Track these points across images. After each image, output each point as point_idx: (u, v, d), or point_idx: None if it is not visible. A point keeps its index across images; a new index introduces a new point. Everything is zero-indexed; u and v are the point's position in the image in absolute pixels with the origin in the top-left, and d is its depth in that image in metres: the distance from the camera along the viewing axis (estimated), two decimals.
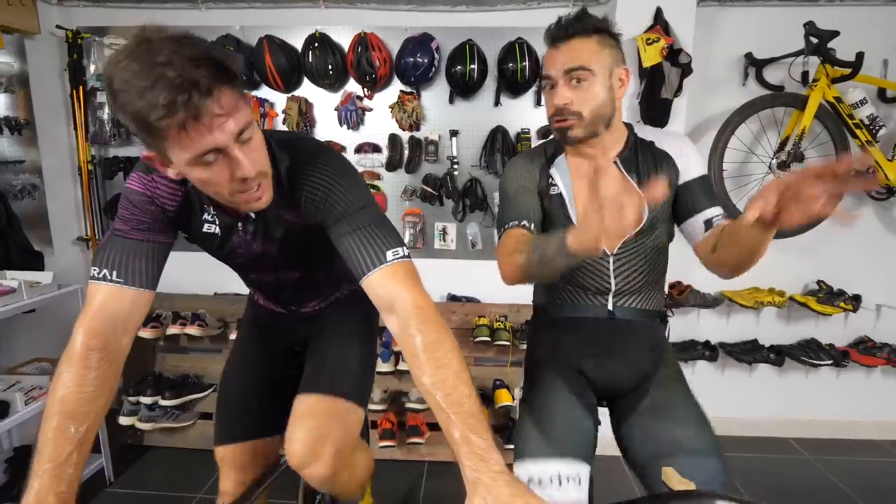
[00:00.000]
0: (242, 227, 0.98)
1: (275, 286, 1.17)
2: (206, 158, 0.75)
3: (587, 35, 1.07)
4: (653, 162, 1.15)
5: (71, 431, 0.77)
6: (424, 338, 0.77)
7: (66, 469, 0.75)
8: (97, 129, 2.35)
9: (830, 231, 2.30)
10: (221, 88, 0.72)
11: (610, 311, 1.17)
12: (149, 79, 0.67)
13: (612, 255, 1.15)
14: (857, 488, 2.15)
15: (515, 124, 2.34)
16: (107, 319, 0.85)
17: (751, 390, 2.56)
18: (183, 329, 2.27)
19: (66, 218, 2.49)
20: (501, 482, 0.64)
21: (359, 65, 2.20)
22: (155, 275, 0.91)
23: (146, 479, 2.18)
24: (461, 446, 0.68)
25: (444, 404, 0.71)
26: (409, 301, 0.81)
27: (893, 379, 2.52)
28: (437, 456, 2.26)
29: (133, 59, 0.68)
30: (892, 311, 2.46)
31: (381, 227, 0.88)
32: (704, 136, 2.33)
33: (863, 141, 2.15)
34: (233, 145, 0.76)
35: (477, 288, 2.45)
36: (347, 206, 0.88)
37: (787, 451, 2.47)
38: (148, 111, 0.68)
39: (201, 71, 0.69)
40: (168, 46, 0.69)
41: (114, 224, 0.91)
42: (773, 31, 2.24)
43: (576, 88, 1.07)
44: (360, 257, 0.85)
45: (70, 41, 2.28)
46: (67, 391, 0.80)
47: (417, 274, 0.86)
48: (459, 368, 0.75)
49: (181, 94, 0.67)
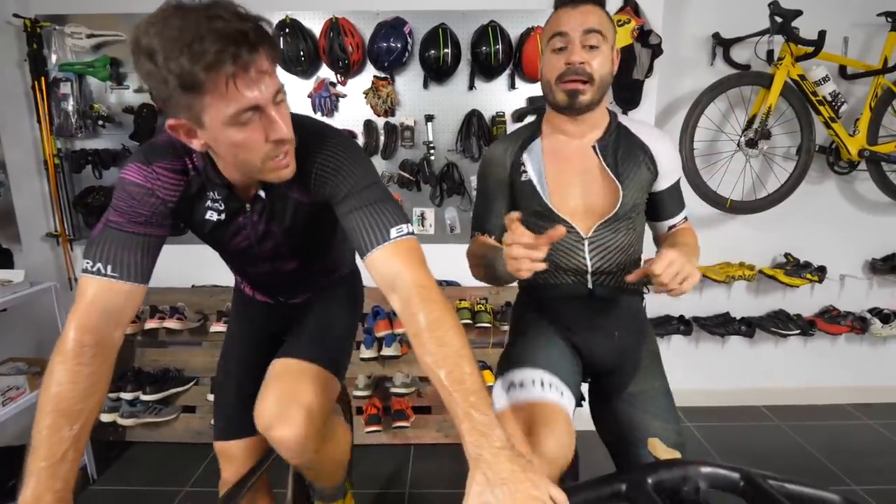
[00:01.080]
0: (251, 207, 0.97)
1: (269, 276, 1.16)
2: (244, 117, 0.75)
3: (601, 8, 1.09)
4: (631, 153, 1.14)
5: (65, 430, 0.76)
6: (426, 316, 0.78)
7: (62, 467, 0.75)
8: (62, 121, 2.27)
9: (796, 205, 2.39)
10: (265, 46, 0.73)
11: (590, 289, 1.19)
12: (197, 31, 0.67)
13: (586, 237, 1.15)
14: (824, 450, 2.27)
15: (490, 108, 2.35)
16: (100, 314, 0.84)
17: (724, 362, 2.65)
18: (161, 323, 2.24)
19: (34, 214, 2.42)
20: (503, 458, 0.65)
21: (331, 50, 2.18)
22: (149, 269, 0.90)
23: (130, 474, 2.16)
24: (463, 422, 0.69)
25: (447, 382, 0.72)
26: (410, 279, 0.81)
27: (857, 345, 2.65)
28: (422, 439, 2.30)
29: (174, 17, 0.68)
30: (855, 280, 2.57)
31: (386, 203, 0.88)
32: (675, 116, 2.38)
33: (826, 117, 2.23)
34: (271, 105, 0.76)
35: (457, 272, 2.47)
36: (356, 182, 0.89)
37: (758, 418, 2.58)
38: (195, 62, 0.67)
39: (249, 24, 0.70)
40: (208, 6, 0.70)
41: (107, 215, 0.89)
42: (738, 12, 2.28)
43: (591, 52, 1.06)
44: (365, 234, 0.85)
45: (28, 30, 2.20)
46: (61, 388, 0.78)
47: (421, 251, 0.86)
48: (461, 346, 0.76)
49: (232, 45, 0.68)
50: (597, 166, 1.14)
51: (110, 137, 2.35)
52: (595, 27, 1.05)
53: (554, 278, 1.21)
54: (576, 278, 1.19)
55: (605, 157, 1.14)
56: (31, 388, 1.92)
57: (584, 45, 1.06)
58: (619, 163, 1.13)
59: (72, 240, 2.41)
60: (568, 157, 1.16)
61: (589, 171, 1.14)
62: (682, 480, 0.60)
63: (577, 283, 1.20)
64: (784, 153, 2.39)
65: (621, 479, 0.60)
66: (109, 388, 2.22)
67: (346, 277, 1.33)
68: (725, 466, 0.59)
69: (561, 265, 1.19)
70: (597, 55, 1.07)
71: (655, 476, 0.60)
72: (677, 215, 1.22)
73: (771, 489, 0.56)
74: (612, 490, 0.60)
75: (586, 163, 1.15)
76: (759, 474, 0.58)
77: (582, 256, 1.16)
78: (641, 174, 1.14)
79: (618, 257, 1.17)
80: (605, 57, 1.08)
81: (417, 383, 2.29)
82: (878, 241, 2.55)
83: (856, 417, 2.56)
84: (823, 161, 2.39)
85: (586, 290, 1.19)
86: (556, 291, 1.22)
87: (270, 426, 0.99)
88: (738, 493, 0.59)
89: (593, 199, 1.14)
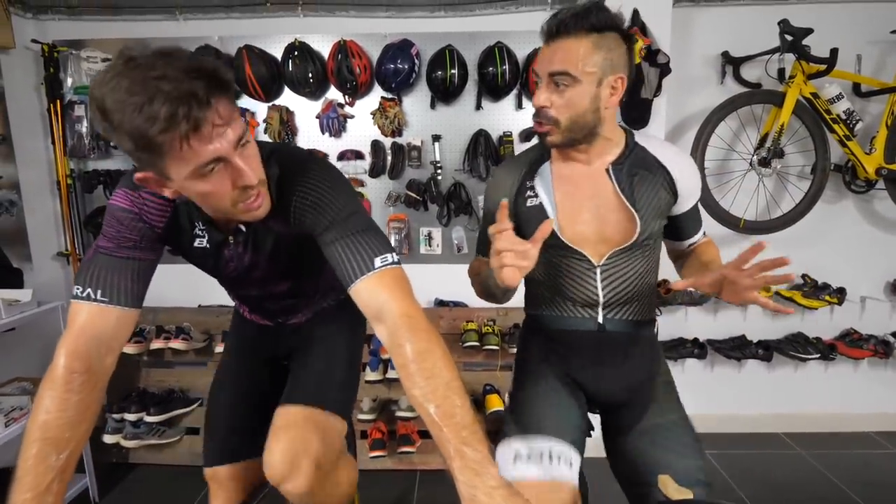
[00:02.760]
0: (233, 240, 0.96)
1: (263, 299, 1.15)
2: (206, 169, 0.74)
3: (583, 34, 0.97)
4: (649, 175, 1.07)
5: (52, 459, 0.75)
6: (413, 347, 0.76)
7: (47, 498, 0.73)
8: (75, 142, 2.32)
9: (813, 225, 2.33)
10: (218, 98, 0.71)
11: (600, 324, 1.11)
12: (145, 94, 0.66)
13: (598, 266, 1.08)
14: (848, 480, 2.16)
15: (497, 127, 2.34)
16: (90, 340, 0.83)
17: (740, 386, 2.56)
18: (167, 343, 2.23)
19: (46, 233, 2.46)
20: (498, 498, 0.62)
21: (339, 72, 2.20)
22: (140, 294, 0.89)
23: (133, 497, 2.13)
24: (454, 460, 0.67)
25: (436, 416, 0.70)
26: (396, 309, 0.79)
27: (881, 370, 2.54)
28: (429, 464, 2.24)
29: (124, 76, 0.67)
30: (877, 302, 2.49)
31: (369, 233, 0.86)
32: (685, 135, 2.35)
33: (840, 136, 2.18)
34: (233, 153, 0.75)
35: (464, 292, 2.43)
36: (336, 213, 0.87)
37: (778, 445, 2.47)
38: (148, 126, 0.66)
39: (198, 82, 0.68)
40: (159, 61, 0.68)
41: (97, 241, 0.89)
42: (747, 30, 2.27)
43: (557, 92, 1.00)
44: (348, 264, 0.83)
45: (46, 55, 2.26)
46: (49, 416, 0.77)
47: (407, 280, 0.84)
48: (451, 378, 0.73)
49: (181, 106, 0.67)
50: (611, 192, 1.07)
51: (121, 158, 2.38)
52: (561, 69, 0.97)
53: (561, 310, 1.14)
54: (585, 311, 1.12)
55: (619, 182, 1.06)
56: None
57: (549, 86, 1.00)
58: (635, 188, 1.06)
59: (81, 259, 2.44)
60: (579, 182, 1.09)
61: (602, 196, 1.07)
62: None
63: (586, 318, 1.12)
64: (798, 172, 2.34)
65: None
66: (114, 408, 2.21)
67: (346, 299, 1.31)
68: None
69: (569, 295, 1.12)
70: (565, 96, 0.99)
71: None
72: (696, 234, 1.18)
73: None
74: None
75: (599, 188, 1.08)
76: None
77: (593, 286, 1.09)
78: (660, 199, 1.08)
79: (633, 286, 1.10)
80: (581, 94, 0.99)
81: None
82: None
83: (882, 446, 2.44)
84: (840, 180, 2.34)
85: (596, 325, 1.11)
86: (562, 324, 1.14)
87: (281, 479, 0.99)
88: None
89: (608, 228, 1.07)
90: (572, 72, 0.97)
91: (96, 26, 2.32)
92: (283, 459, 0.98)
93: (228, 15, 2.30)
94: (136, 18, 2.31)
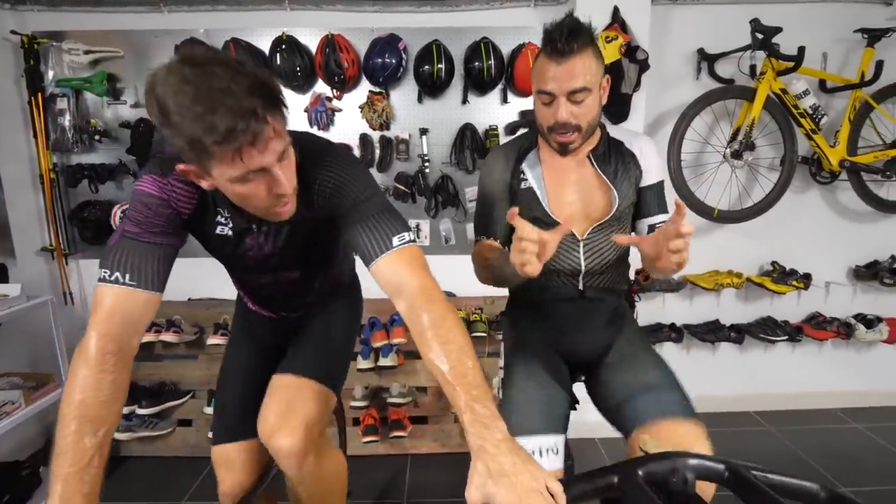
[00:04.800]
0: (257, 228, 1.01)
1: (271, 287, 1.19)
2: (249, 177, 0.79)
3: (586, 48, 1.08)
4: (621, 160, 1.23)
5: (90, 436, 0.78)
6: (430, 316, 0.81)
7: (89, 472, 0.76)
8: (58, 135, 2.29)
9: (782, 215, 2.45)
10: (273, 114, 0.76)
11: (581, 290, 1.26)
12: (208, 104, 0.70)
13: (582, 240, 1.23)
14: (814, 453, 2.31)
15: (483, 121, 2.40)
16: (120, 322, 0.86)
17: (715, 368, 2.70)
18: (158, 336, 2.24)
19: (29, 228, 2.42)
20: (504, 449, 0.67)
21: (327, 66, 2.22)
22: (164, 277, 0.93)
23: (126, 489, 2.14)
24: (465, 414, 0.72)
25: (450, 377, 0.76)
26: (415, 283, 0.85)
27: (842, 350, 2.71)
28: (419, 449, 2.31)
29: (189, 82, 0.70)
30: (840, 287, 2.64)
31: (387, 214, 0.92)
32: (663, 129, 2.44)
33: (807, 129, 2.30)
34: (276, 165, 0.80)
35: (452, 282, 2.50)
36: (356, 196, 0.93)
37: (749, 423, 2.62)
38: (206, 135, 0.71)
39: (258, 100, 0.72)
40: (223, 71, 0.71)
41: (123, 226, 0.92)
42: (722, 28, 2.36)
43: (576, 105, 1.11)
44: (369, 244, 0.89)
45: (26, 47, 2.22)
46: (85, 395, 0.80)
47: (422, 257, 0.91)
48: (463, 343, 0.79)
49: (241, 122, 0.71)
50: (592, 174, 1.22)
51: (107, 152, 2.36)
52: (580, 86, 1.08)
53: (546, 279, 1.27)
54: (567, 280, 1.26)
55: (600, 165, 1.22)
56: (27, 402, 1.91)
57: (569, 101, 1.10)
58: (611, 169, 1.22)
59: (67, 254, 2.41)
60: (564, 167, 1.24)
61: (585, 178, 1.23)
62: (670, 472, 0.63)
63: (568, 286, 1.27)
64: (769, 164, 2.46)
65: (614, 472, 0.64)
66: None
67: (347, 288, 1.36)
68: (712, 458, 0.63)
69: (555, 267, 1.25)
70: (584, 107, 1.11)
71: (645, 468, 0.63)
72: (659, 214, 1.26)
73: (755, 479, 0.59)
74: (605, 482, 0.63)
75: (582, 171, 1.23)
76: (743, 465, 0.61)
77: (577, 258, 1.24)
78: (631, 174, 1.23)
79: (610, 257, 1.25)
80: (594, 100, 1.12)
81: (414, 394, 2.31)
82: (861, 248, 2.62)
83: (844, 421, 2.61)
84: (806, 171, 2.47)
85: (577, 292, 1.26)
86: (547, 293, 1.28)
87: (271, 436, 1.07)
88: (723, 483, 0.62)
89: (590, 205, 1.23)
90: (588, 85, 1.09)
91: (77, 17, 2.28)
92: (275, 418, 1.07)
93: (214, 7, 2.29)
94: (118, 10, 2.28)
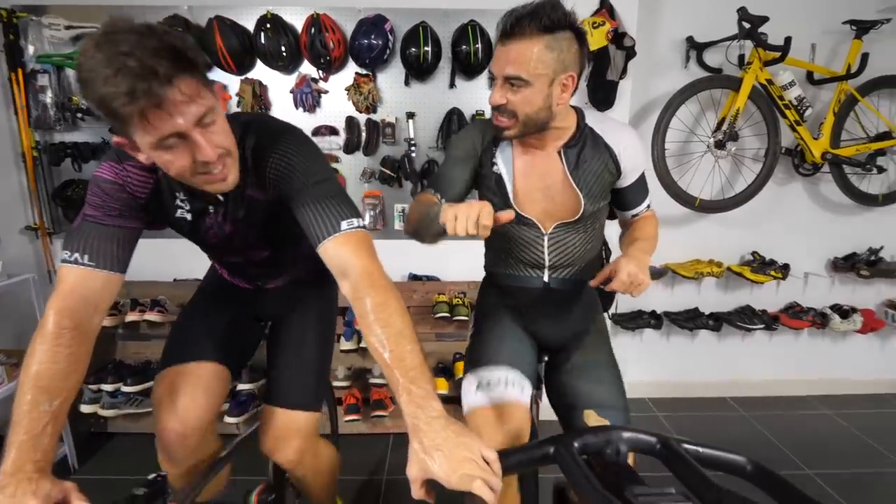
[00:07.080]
0: (213, 210, 1.03)
1: (244, 265, 1.22)
2: (167, 143, 0.80)
3: (536, 35, 0.99)
4: (595, 157, 1.16)
5: (45, 405, 0.80)
6: (372, 300, 0.83)
7: (42, 440, 0.78)
8: (40, 112, 2.26)
9: (763, 205, 2.48)
10: (182, 77, 0.76)
11: (545, 282, 1.27)
12: (112, 68, 0.71)
13: (546, 234, 1.21)
14: (784, 438, 2.38)
15: (471, 106, 2.39)
16: (78, 300, 0.89)
17: (693, 355, 2.76)
18: (142, 316, 2.26)
19: (12, 207, 2.41)
20: (437, 426, 0.72)
21: (313, 46, 2.20)
22: (125, 259, 0.96)
23: (112, 464, 2.19)
24: (401, 395, 0.76)
25: (389, 360, 0.79)
26: (359, 267, 0.87)
27: (818, 339, 2.77)
28: (401, 427, 2.34)
29: (99, 48, 0.72)
30: (818, 278, 2.69)
31: (338, 199, 0.93)
32: (650, 117, 2.45)
33: (791, 121, 2.32)
34: (193, 130, 0.80)
35: (437, 267, 2.53)
36: (307, 178, 0.94)
37: (724, 408, 2.69)
38: (111, 98, 0.73)
39: (161, 61, 0.73)
40: (131, 37, 0.73)
41: (84, 210, 0.94)
42: (711, 16, 2.35)
43: (511, 91, 1.06)
44: (317, 226, 0.90)
45: (5, 20, 2.18)
46: (41, 367, 0.83)
47: (370, 242, 0.92)
48: (403, 326, 0.82)
49: (141, 83, 0.72)
50: (560, 173, 1.17)
51: (90, 130, 2.34)
52: (514, 74, 1.02)
53: (513, 269, 1.29)
54: (533, 272, 1.27)
55: (568, 164, 1.16)
56: (10, 378, 1.93)
57: (505, 85, 1.06)
58: (581, 171, 1.16)
59: (51, 233, 2.41)
60: (535, 161, 1.19)
61: (552, 176, 1.18)
62: (605, 444, 0.66)
63: (533, 277, 1.27)
64: (753, 155, 2.48)
65: (550, 443, 0.67)
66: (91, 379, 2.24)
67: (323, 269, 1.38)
68: (645, 432, 0.66)
69: (521, 258, 1.26)
70: (520, 95, 1.05)
71: (581, 440, 0.66)
72: (640, 205, 1.28)
73: (685, 452, 0.62)
74: (541, 453, 0.67)
75: (551, 167, 1.18)
76: (674, 439, 0.64)
77: (541, 251, 1.23)
78: (603, 180, 1.19)
79: (575, 253, 1.24)
80: (535, 94, 1.04)
81: None
82: (840, 240, 2.66)
83: (815, 407, 2.69)
84: (789, 163, 2.49)
85: (541, 284, 1.27)
86: (514, 281, 1.30)
87: (271, 453, 1.24)
88: (655, 455, 0.65)
89: (557, 204, 1.20)
90: (524, 76, 1.02)
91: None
92: (274, 437, 1.22)
93: None
94: None
